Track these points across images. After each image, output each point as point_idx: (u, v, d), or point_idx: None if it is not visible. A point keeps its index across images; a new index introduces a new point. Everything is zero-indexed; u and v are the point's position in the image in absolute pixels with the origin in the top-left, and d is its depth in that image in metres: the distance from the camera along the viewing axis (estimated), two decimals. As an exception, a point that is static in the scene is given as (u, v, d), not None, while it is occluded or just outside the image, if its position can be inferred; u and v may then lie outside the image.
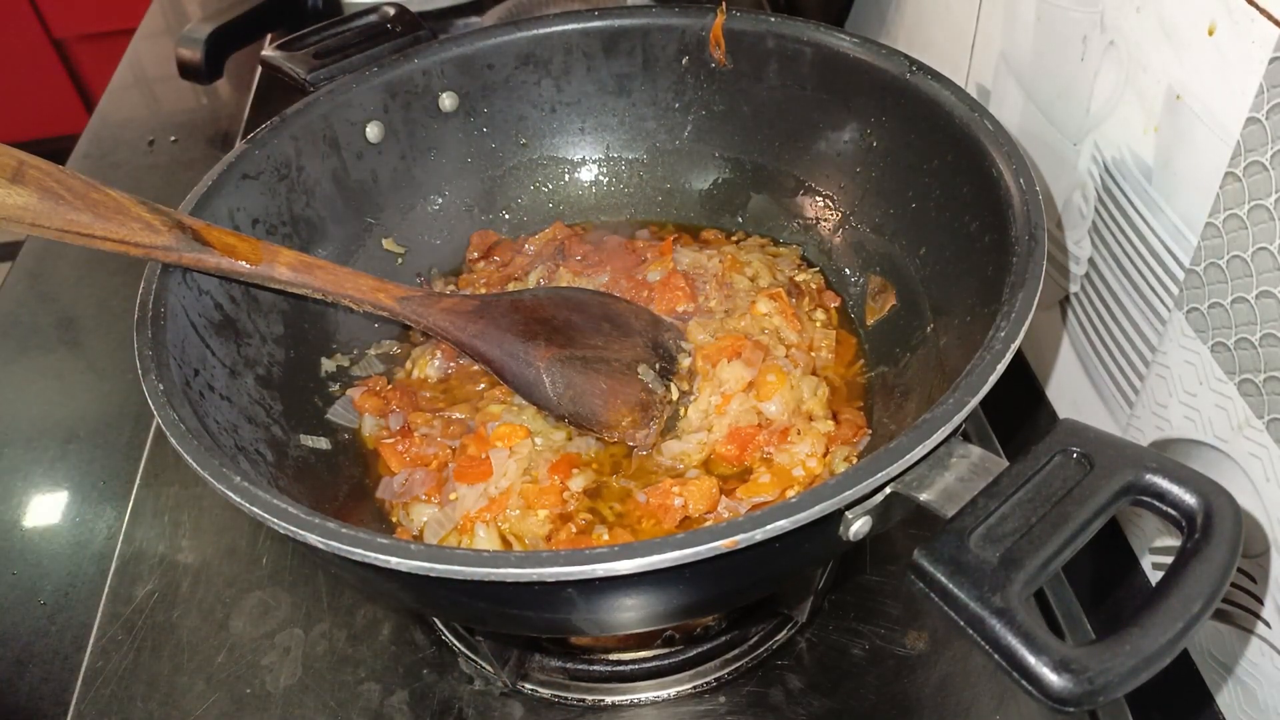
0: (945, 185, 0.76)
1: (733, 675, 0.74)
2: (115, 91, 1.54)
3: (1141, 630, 0.42)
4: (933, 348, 0.75)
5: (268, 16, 1.31)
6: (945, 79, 0.76)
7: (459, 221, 0.94)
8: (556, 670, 0.74)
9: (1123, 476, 0.47)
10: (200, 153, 1.37)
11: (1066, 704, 0.41)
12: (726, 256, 0.87)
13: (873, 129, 0.84)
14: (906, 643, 0.75)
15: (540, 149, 0.96)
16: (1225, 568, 0.43)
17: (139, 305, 0.64)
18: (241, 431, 0.67)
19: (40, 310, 1.15)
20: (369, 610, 0.79)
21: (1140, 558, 0.75)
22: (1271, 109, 0.55)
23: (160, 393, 0.58)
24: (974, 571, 0.44)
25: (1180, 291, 0.66)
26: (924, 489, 0.50)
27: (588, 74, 0.93)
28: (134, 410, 1.00)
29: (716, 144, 0.95)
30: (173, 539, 0.86)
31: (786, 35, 0.85)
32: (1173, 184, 0.65)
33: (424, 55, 0.88)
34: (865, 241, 0.87)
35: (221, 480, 0.53)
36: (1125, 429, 0.75)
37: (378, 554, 0.48)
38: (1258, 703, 0.63)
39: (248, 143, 0.78)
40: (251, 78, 1.45)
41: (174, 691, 0.75)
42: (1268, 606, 0.61)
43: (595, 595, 0.52)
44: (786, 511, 0.47)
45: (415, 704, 0.73)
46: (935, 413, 0.51)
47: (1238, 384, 0.61)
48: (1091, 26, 0.72)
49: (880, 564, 0.80)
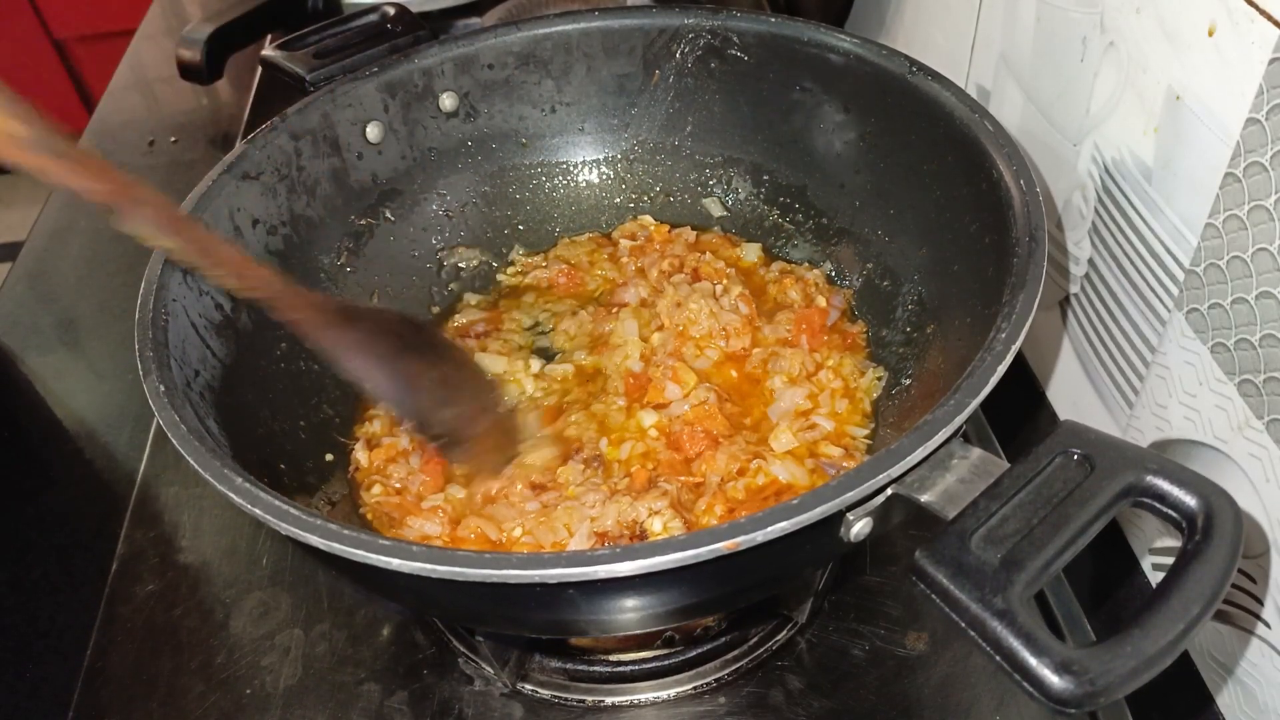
0: (945, 186, 0.76)
1: (733, 676, 0.74)
2: (115, 92, 1.54)
3: (1142, 632, 0.42)
4: (933, 349, 0.75)
5: (268, 17, 1.31)
6: (945, 80, 0.76)
7: (459, 221, 0.94)
8: (556, 671, 0.74)
9: (1123, 478, 0.47)
10: (200, 153, 1.36)
11: (1067, 705, 0.41)
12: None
13: (873, 130, 0.84)
14: (907, 643, 0.75)
15: (540, 149, 0.96)
16: (1226, 569, 0.44)
17: (139, 305, 0.64)
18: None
19: (40, 310, 1.15)
20: (369, 611, 0.79)
21: (1141, 559, 0.75)
22: (1271, 110, 0.55)
23: (161, 394, 0.58)
24: (975, 573, 0.44)
25: (1180, 292, 0.66)
26: (925, 490, 0.50)
27: (588, 74, 0.93)
28: (134, 410, 1.00)
29: (716, 144, 0.95)
30: (173, 539, 0.86)
31: (787, 35, 0.85)
32: (1173, 185, 0.65)
33: (424, 55, 0.88)
34: (865, 242, 0.87)
35: (223, 481, 0.53)
36: (1125, 430, 0.75)
37: (379, 555, 0.48)
38: (1258, 703, 0.63)
39: (248, 143, 0.78)
40: (251, 78, 1.45)
41: (174, 691, 0.75)
42: (1268, 607, 0.61)
43: (596, 596, 0.52)
44: (788, 513, 0.47)
45: (415, 704, 0.73)
46: (936, 414, 0.51)
47: (1237, 385, 0.61)
48: (1091, 27, 0.72)
49: (880, 565, 0.80)
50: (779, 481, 0.72)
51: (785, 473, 0.73)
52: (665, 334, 0.84)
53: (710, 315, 0.83)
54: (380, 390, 0.73)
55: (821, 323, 0.84)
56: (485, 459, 0.76)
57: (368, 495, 0.74)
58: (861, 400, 0.79)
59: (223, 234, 0.75)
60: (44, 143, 0.57)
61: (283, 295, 0.68)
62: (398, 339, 0.74)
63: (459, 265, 0.94)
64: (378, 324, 0.74)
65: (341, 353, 0.70)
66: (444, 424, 0.75)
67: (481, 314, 0.91)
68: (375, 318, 0.76)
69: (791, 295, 0.86)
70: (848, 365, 0.81)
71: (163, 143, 1.39)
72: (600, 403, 0.80)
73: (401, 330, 0.76)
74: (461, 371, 0.81)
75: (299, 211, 0.82)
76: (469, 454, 0.76)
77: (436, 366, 0.77)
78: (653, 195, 0.98)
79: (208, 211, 0.73)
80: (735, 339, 0.83)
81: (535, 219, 0.97)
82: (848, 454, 0.75)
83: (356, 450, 0.77)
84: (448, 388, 0.77)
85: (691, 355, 0.82)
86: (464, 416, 0.77)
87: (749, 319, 0.85)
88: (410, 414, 0.75)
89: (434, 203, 0.93)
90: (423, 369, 0.75)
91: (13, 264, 1.21)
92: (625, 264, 0.93)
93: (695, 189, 0.97)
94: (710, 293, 0.86)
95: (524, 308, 0.91)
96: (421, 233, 0.93)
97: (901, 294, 0.82)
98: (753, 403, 0.80)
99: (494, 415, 0.80)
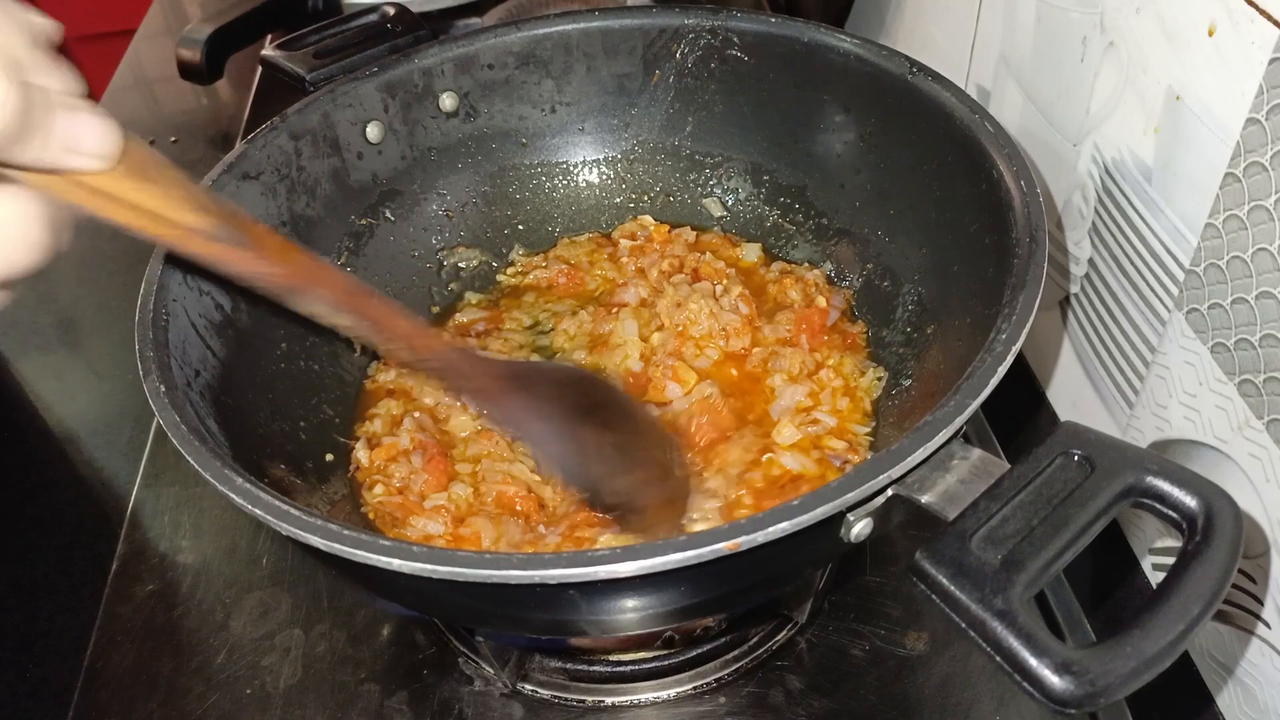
0: (945, 186, 0.76)
1: (733, 676, 0.74)
2: (115, 92, 1.54)
3: (1143, 632, 0.42)
4: (933, 349, 0.75)
5: (268, 17, 1.31)
6: (945, 80, 0.76)
7: (459, 221, 0.94)
8: (556, 671, 0.75)
9: (1124, 479, 0.47)
10: (200, 153, 1.36)
11: (1068, 706, 0.41)
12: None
13: (873, 130, 0.84)
14: (907, 643, 0.75)
15: (540, 149, 0.96)
16: (1226, 569, 0.44)
17: (140, 305, 0.64)
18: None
19: (40, 310, 1.15)
20: (369, 611, 0.79)
21: (1141, 559, 0.75)
22: (1271, 110, 0.55)
23: (161, 394, 0.58)
24: (975, 574, 0.44)
25: (1180, 292, 0.66)
26: (925, 491, 0.50)
27: (588, 74, 0.93)
28: (134, 410, 1.00)
29: (716, 144, 0.95)
30: (173, 539, 0.86)
31: (786, 36, 0.85)
32: (1172, 185, 0.66)
33: (424, 55, 0.88)
34: (865, 242, 0.87)
35: (223, 481, 0.53)
36: (1125, 430, 0.75)
37: (379, 555, 0.48)
38: (1258, 704, 0.63)
39: (248, 143, 0.78)
40: (251, 78, 1.45)
41: (174, 691, 0.75)
42: (1268, 607, 0.61)
43: (597, 597, 0.52)
44: (788, 514, 0.47)
45: (415, 704, 0.73)
46: (936, 415, 0.51)
47: (1237, 385, 0.61)
48: (1091, 27, 0.72)
49: (880, 565, 0.80)
50: (791, 472, 0.73)
51: (796, 464, 0.73)
52: (665, 334, 0.84)
53: (710, 315, 0.83)
54: (553, 461, 0.70)
55: (821, 323, 0.84)
56: (657, 525, 0.70)
57: (370, 495, 0.74)
58: (862, 399, 0.79)
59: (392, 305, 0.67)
60: (225, 234, 0.52)
61: (456, 365, 0.67)
62: (576, 400, 0.71)
63: (459, 265, 0.94)
64: (553, 386, 0.71)
65: (516, 419, 0.68)
66: (618, 494, 0.70)
67: (482, 313, 0.91)
68: (550, 378, 0.72)
69: (791, 295, 0.86)
70: (848, 365, 0.81)
71: (163, 143, 1.39)
72: None
73: (581, 388, 0.73)
74: (642, 434, 0.74)
75: (299, 211, 0.82)
76: (642, 521, 0.70)
77: (617, 430, 0.72)
78: (653, 195, 0.98)
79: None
80: (735, 339, 0.83)
81: (535, 219, 0.97)
82: (851, 448, 0.75)
83: (357, 449, 0.77)
84: (626, 453, 0.71)
85: (691, 355, 0.82)
86: (641, 483, 0.71)
87: (749, 319, 0.85)
88: (583, 484, 0.70)
89: (434, 203, 0.93)
90: (601, 435, 0.70)
91: (12, 264, 1.20)
92: (625, 264, 0.93)
93: (695, 189, 0.97)
94: (710, 293, 0.86)
95: (524, 308, 0.91)
96: (421, 233, 0.93)
97: (901, 294, 0.82)
98: (754, 399, 0.80)
99: (670, 481, 0.72)
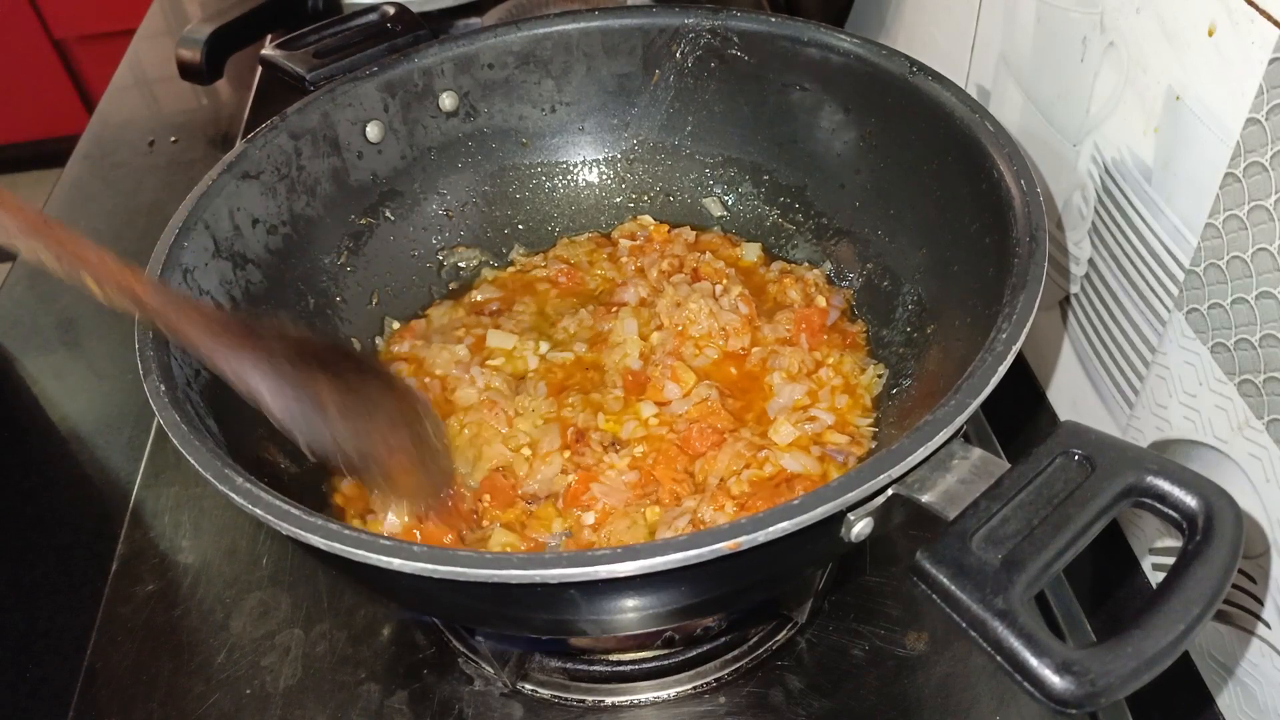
0: (945, 186, 0.76)
1: (733, 676, 0.74)
2: (115, 92, 1.54)
3: (1143, 632, 0.42)
4: (933, 349, 0.75)
5: (268, 17, 1.31)
6: (946, 80, 0.76)
7: (459, 221, 0.94)
8: (556, 671, 0.74)
9: (1124, 479, 0.47)
10: (200, 153, 1.36)
11: (1068, 706, 0.41)
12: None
13: (873, 130, 0.84)
14: (907, 643, 0.75)
15: (540, 149, 0.96)
16: (1226, 569, 0.44)
17: (140, 306, 0.64)
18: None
19: (40, 310, 1.15)
20: (369, 610, 0.79)
21: (1141, 559, 0.75)
22: (1271, 110, 0.55)
23: (161, 394, 0.58)
24: (976, 573, 0.44)
25: (1180, 292, 0.66)
26: (926, 491, 0.50)
27: (588, 74, 0.93)
28: (134, 410, 1.00)
29: (716, 144, 0.95)
30: (173, 539, 0.86)
31: (786, 35, 0.85)
32: (1172, 185, 0.66)
33: (424, 55, 0.88)
34: (865, 242, 0.87)
35: (223, 481, 0.53)
36: (1125, 430, 0.75)
37: (379, 555, 0.48)
38: (1258, 703, 0.63)
39: (248, 143, 0.78)
40: (251, 78, 1.45)
41: (174, 691, 0.75)
42: (1268, 607, 0.61)
43: (597, 596, 0.52)
44: (788, 513, 0.47)
45: (415, 704, 0.73)
46: (937, 414, 0.51)
47: (1237, 385, 0.61)
48: (1091, 27, 0.72)
49: (880, 565, 0.80)
50: (786, 471, 0.73)
51: (795, 464, 0.73)
52: (664, 333, 0.84)
53: (710, 315, 0.83)
54: (289, 419, 0.63)
55: (821, 322, 0.84)
56: (413, 493, 0.69)
57: (338, 481, 0.75)
58: (862, 396, 0.79)
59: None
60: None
61: (162, 311, 0.60)
62: (316, 356, 0.66)
63: (459, 265, 0.94)
64: (285, 340, 0.65)
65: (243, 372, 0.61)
66: (365, 456, 0.66)
67: (497, 293, 0.92)
68: (280, 335, 0.66)
69: (791, 295, 0.86)
70: (848, 363, 0.81)
71: (163, 143, 1.39)
72: (599, 393, 0.80)
73: (316, 350, 0.68)
74: (392, 396, 0.71)
75: (299, 211, 0.82)
76: (395, 487, 0.69)
77: (360, 392, 0.68)
78: (653, 195, 0.98)
79: (208, 211, 0.73)
80: (735, 339, 0.83)
81: (535, 219, 0.97)
82: (854, 441, 0.75)
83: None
84: (371, 415, 0.68)
85: (691, 355, 0.83)
86: (390, 447, 0.68)
87: (748, 319, 0.85)
88: (324, 445, 0.64)
89: (434, 202, 0.93)
90: (344, 396, 0.66)
91: (13, 264, 1.21)
92: (625, 264, 0.93)
93: (695, 189, 0.97)
94: (710, 292, 0.86)
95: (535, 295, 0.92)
96: (421, 232, 0.93)
97: (901, 294, 0.82)
98: (753, 398, 0.80)
99: (425, 447, 0.71)
